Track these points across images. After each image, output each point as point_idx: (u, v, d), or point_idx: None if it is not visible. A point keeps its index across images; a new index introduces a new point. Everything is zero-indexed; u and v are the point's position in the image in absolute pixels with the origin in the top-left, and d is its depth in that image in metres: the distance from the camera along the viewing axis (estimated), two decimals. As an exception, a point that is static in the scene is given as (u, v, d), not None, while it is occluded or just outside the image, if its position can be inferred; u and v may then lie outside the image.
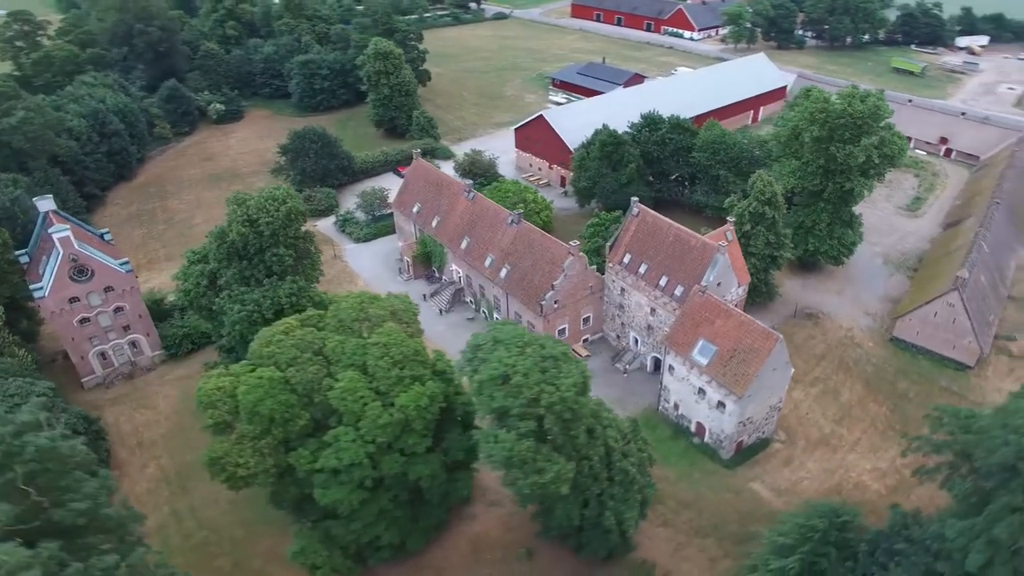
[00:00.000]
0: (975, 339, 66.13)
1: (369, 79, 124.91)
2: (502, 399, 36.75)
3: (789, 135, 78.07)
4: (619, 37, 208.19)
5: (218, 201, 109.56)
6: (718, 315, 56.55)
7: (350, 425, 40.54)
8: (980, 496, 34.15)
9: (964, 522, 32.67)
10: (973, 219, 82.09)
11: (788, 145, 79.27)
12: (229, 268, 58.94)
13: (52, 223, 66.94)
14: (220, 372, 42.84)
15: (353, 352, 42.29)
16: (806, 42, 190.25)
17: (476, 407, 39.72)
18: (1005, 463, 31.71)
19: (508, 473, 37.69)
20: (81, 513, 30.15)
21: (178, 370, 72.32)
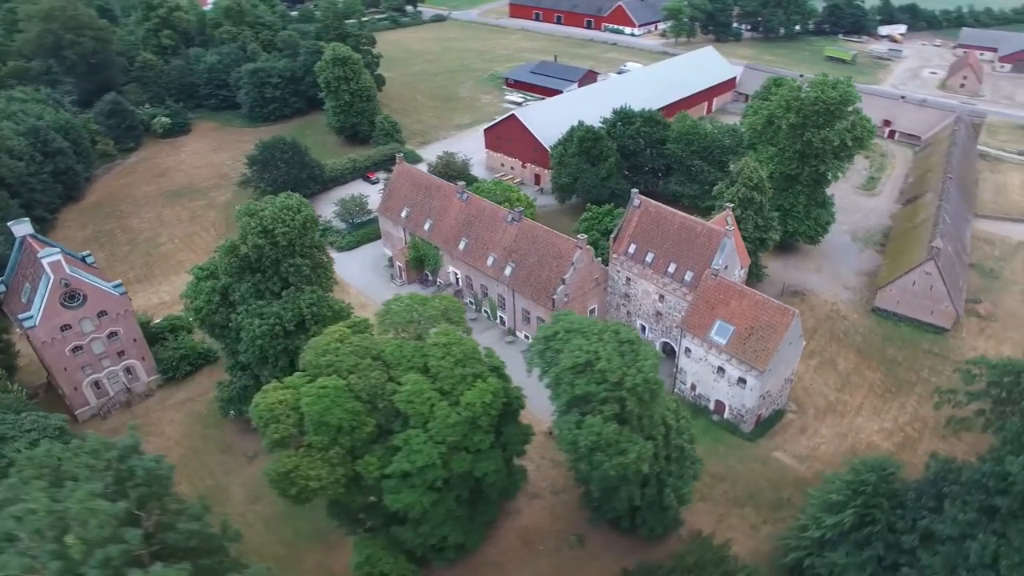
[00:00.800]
0: (951, 304, 72.18)
1: (328, 85, 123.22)
2: (584, 385, 38.15)
3: (764, 123, 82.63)
4: (562, 35, 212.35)
5: (181, 218, 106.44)
6: (732, 296, 59.74)
7: (418, 427, 40.96)
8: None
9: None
10: (930, 194, 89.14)
11: (763, 133, 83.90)
12: (242, 282, 57.64)
13: (32, 248, 63.67)
14: (275, 386, 42.27)
15: (412, 354, 42.70)
16: (742, 34, 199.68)
17: (554, 397, 40.84)
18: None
19: (593, 457, 39.11)
20: (192, 534, 29.54)
21: (178, 394, 70.01)
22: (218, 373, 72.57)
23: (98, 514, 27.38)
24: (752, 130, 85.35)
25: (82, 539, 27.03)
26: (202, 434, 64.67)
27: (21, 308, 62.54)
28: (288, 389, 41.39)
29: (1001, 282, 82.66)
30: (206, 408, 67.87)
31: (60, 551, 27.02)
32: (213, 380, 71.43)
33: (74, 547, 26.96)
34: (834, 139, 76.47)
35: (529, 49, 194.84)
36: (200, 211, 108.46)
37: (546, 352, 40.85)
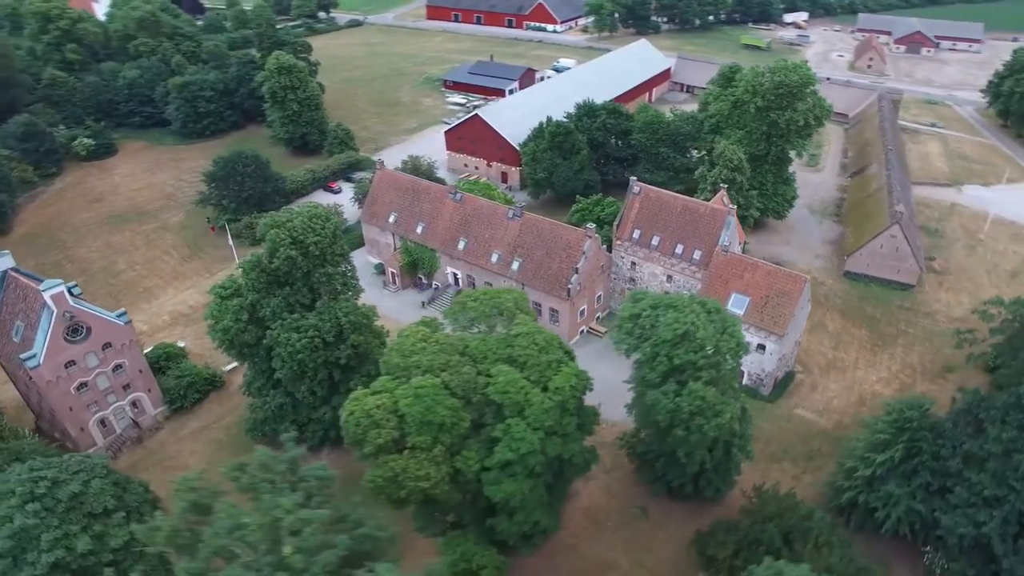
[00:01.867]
0: (915, 262, 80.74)
1: (273, 96, 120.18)
2: (684, 355, 41.03)
3: (731, 108, 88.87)
4: (485, 35, 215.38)
5: (135, 244, 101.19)
6: (745, 269, 64.65)
7: (514, 416, 42.48)
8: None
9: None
10: (875, 165, 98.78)
11: (730, 117, 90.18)
12: (271, 297, 56.66)
13: (18, 283, 59.69)
14: (363, 392, 42.46)
15: (497, 347, 44.13)
16: (661, 27, 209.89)
17: (647, 371, 43.36)
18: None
19: (693, 422, 42.07)
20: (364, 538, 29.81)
21: (190, 423, 67.38)
22: (227, 398, 70.59)
23: (311, 522, 27.41)
24: (719, 115, 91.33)
25: (299, 548, 27.00)
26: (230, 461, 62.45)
27: (15, 348, 58.46)
28: (380, 393, 41.76)
29: (946, 240, 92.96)
30: (225, 434, 65.85)
31: (280, 562, 26.86)
32: (224, 406, 69.65)
33: (293, 557, 26.88)
34: (799, 119, 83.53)
35: (456, 50, 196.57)
36: (155, 235, 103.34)
37: (635, 330, 43.41)
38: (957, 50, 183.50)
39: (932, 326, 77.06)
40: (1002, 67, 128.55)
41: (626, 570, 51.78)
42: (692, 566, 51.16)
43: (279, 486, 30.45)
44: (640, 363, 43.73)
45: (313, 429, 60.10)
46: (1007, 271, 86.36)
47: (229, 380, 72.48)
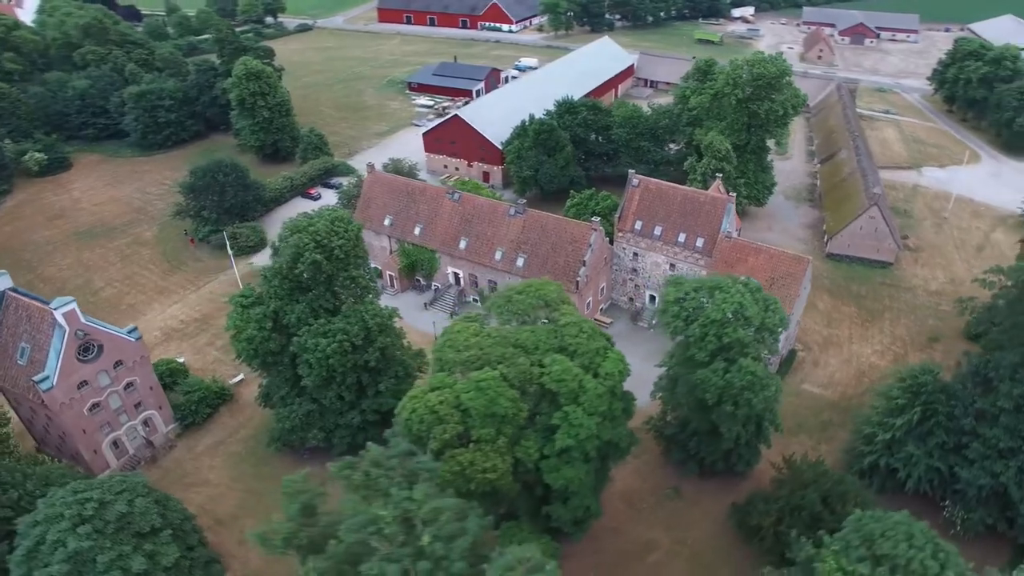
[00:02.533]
0: (893, 241, 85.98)
1: (242, 103, 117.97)
2: (733, 333, 43.28)
3: (711, 100, 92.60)
4: (441, 37, 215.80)
5: (109, 260, 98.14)
6: (749, 253, 67.92)
7: (570, 403, 43.95)
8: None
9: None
10: (844, 151, 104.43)
11: (710, 109, 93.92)
12: (295, 303, 56.47)
13: (19, 303, 57.68)
14: (421, 390, 43.15)
15: (548, 337, 45.52)
16: (615, 24, 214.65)
17: (695, 351, 45.35)
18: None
19: (742, 396, 44.41)
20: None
21: (204, 439, 66.19)
22: (238, 411, 69.70)
23: (443, 511, 28.06)
24: (700, 107, 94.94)
25: (435, 536, 27.62)
26: (253, 474, 62.00)
27: (22, 371, 56.41)
28: (440, 390, 42.53)
29: (914, 219, 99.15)
30: (243, 448, 65.02)
31: (419, 551, 27.39)
32: (236, 419, 68.74)
33: (432, 545, 27.50)
34: (778, 109, 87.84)
35: (413, 53, 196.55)
36: (129, 250, 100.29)
37: (681, 313, 45.45)
38: (897, 40, 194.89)
39: (913, 300, 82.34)
40: (945, 56, 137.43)
41: (668, 548, 53.94)
42: (731, 538, 53.81)
43: (395, 480, 31.00)
44: (686, 344, 45.74)
45: (340, 435, 59.94)
46: (973, 246, 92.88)
47: (238, 393, 71.47)
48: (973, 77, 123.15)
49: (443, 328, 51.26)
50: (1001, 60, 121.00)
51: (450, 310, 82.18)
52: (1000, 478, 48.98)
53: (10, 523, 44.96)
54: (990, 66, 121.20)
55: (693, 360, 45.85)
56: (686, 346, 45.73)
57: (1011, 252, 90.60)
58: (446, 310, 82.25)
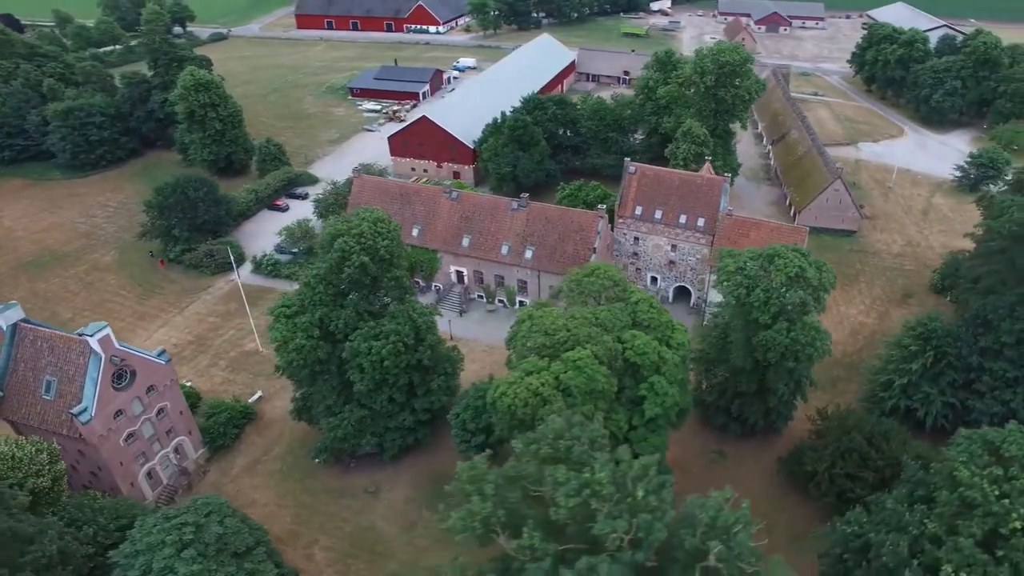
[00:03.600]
0: (856, 211, 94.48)
1: (192, 115, 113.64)
2: (793, 295, 47.58)
3: (679, 89, 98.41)
4: (368, 41, 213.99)
5: (71, 289, 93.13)
6: (750, 228, 73.42)
7: (652, 374, 47.02)
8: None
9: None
10: (795, 132, 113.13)
11: (678, 98, 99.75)
12: (342, 308, 56.61)
13: (34, 335, 54.83)
14: (516, 376, 44.84)
15: (623, 314, 48.34)
16: (541, 22, 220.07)
17: (759, 314, 49.22)
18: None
19: (805, 352, 48.85)
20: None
21: (237, 460, 64.72)
22: (265, 429, 68.53)
23: (651, 465, 30.34)
24: (669, 96, 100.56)
25: (647, 490, 29.94)
26: (300, 488, 61.30)
27: (49, 406, 53.61)
28: (535, 373, 44.41)
29: (863, 190, 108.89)
30: (282, 464, 64.10)
31: (635, 505, 29.36)
32: (266, 437, 67.62)
33: (647, 498, 29.86)
34: (744, 94, 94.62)
35: (344, 58, 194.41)
36: (91, 277, 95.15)
37: (744, 281, 49.34)
38: (807, 28, 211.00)
39: (881, 263, 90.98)
40: (861, 40, 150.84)
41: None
42: (781, 489, 58.64)
43: (584, 446, 32.84)
44: (748, 309, 49.65)
45: (391, 438, 60.45)
46: (919, 210, 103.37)
47: (260, 411, 70.04)
48: (891, 59, 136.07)
49: (514, 323, 52.73)
50: (913, 43, 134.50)
51: (458, 308, 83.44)
52: (1010, 404, 56.11)
53: (94, 559, 43.34)
54: (904, 48, 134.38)
55: (756, 323, 49.98)
56: (748, 311, 49.73)
57: (952, 214, 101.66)
58: (455, 309, 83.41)
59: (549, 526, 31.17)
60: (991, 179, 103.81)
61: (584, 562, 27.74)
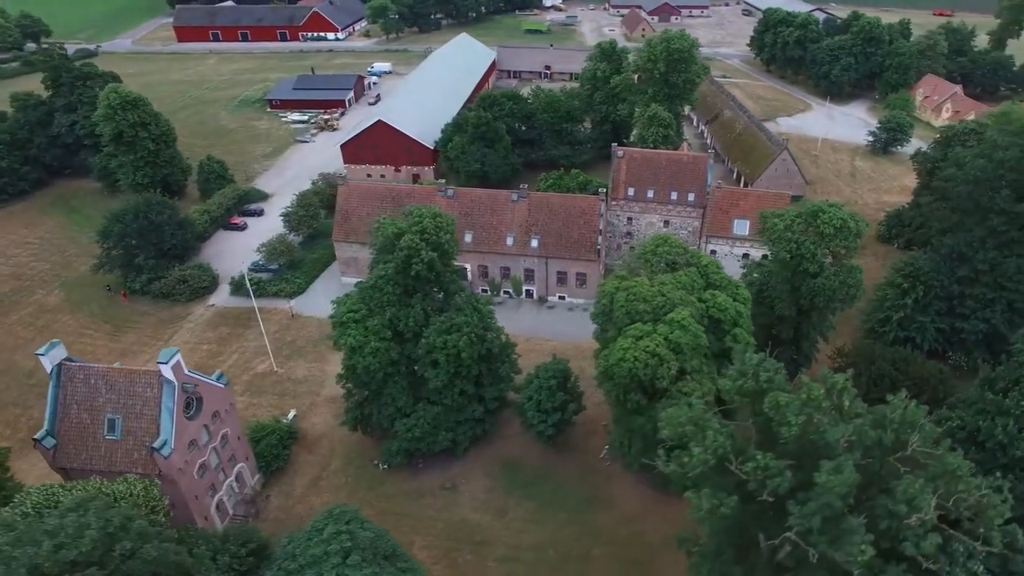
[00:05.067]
0: (801, 177, 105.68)
1: (120, 137, 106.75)
2: (840, 242, 54.74)
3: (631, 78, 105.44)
4: (266, 51, 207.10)
5: (19, 335, 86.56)
6: (739, 198, 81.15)
7: (732, 327, 52.28)
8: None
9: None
10: (728, 111, 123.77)
11: (629, 88, 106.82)
12: (409, 307, 57.56)
13: (85, 374, 51.78)
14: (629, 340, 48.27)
15: (697, 277, 53.24)
16: (441, 23, 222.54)
17: (807, 264, 55.74)
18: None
19: (849, 293, 56.13)
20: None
21: (296, 481, 63.48)
22: (312, 445, 67.62)
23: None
24: (623, 85, 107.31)
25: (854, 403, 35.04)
26: (376, 497, 61.22)
27: (115, 446, 50.77)
28: (645, 338, 48.20)
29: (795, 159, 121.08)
30: (346, 477, 63.70)
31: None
32: (316, 454, 66.81)
33: (853, 404, 34.77)
34: (693, 78, 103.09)
35: (246, 70, 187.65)
36: (43, 322, 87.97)
37: (794, 236, 55.78)
38: (694, 16, 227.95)
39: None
40: (758, 24, 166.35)
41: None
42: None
43: (775, 376, 37.11)
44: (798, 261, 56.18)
45: (463, 431, 61.94)
46: (847, 173, 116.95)
47: (301, 429, 68.73)
48: (789, 40, 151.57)
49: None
50: (808, 25, 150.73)
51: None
52: (991, 321, 66.78)
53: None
54: (800, 30, 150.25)
55: (806, 272, 56.71)
56: (797, 263, 56.29)
57: (874, 174, 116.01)
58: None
59: (771, 448, 35.34)
60: (899, 141, 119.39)
61: (827, 465, 32.15)
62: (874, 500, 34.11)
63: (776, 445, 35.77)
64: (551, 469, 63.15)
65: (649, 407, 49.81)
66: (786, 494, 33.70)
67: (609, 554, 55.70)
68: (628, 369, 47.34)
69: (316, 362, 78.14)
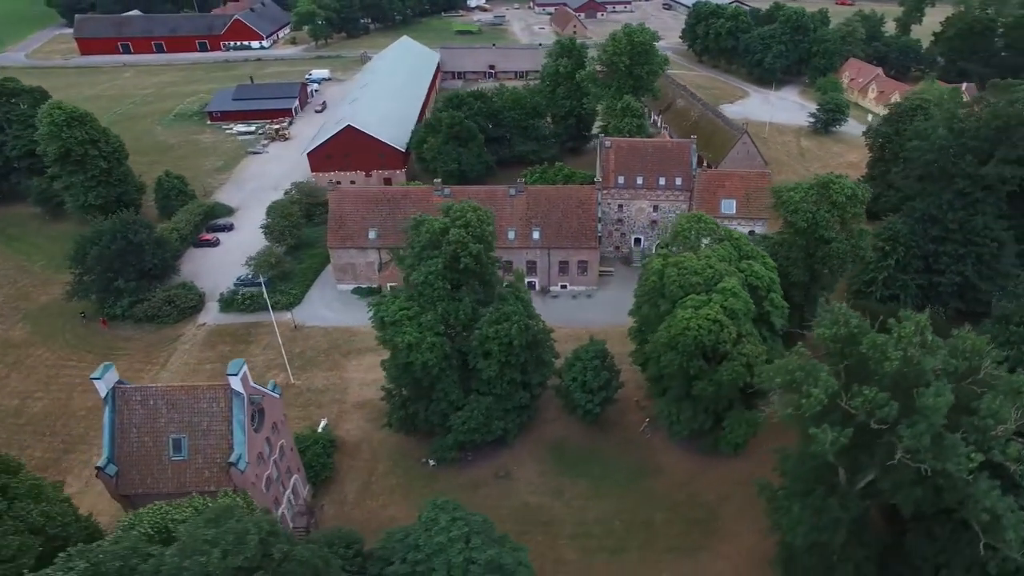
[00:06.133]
0: (761, 159, 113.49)
1: (67, 156, 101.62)
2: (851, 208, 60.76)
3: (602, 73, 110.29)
4: (187, 62, 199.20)
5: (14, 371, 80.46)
6: (724, 179, 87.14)
7: (768, 292, 57.14)
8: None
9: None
10: (681, 100, 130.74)
11: (595, 82, 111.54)
12: (458, 301, 59.15)
13: (143, 395, 50.72)
14: (688, 308, 52.07)
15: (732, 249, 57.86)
16: (369, 27, 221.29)
17: (824, 231, 61.35)
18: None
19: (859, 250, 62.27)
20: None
21: (345, 488, 63.66)
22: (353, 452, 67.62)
23: None
24: (590, 78, 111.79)
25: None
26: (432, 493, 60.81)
27: (184, 466, 49.88)
28: (704, 306, 52.15)
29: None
30: (397, 479, 64.40)
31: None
32: (359, 459, 67.12)
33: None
34: (656, 69, 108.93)
35: (171, 83, 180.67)
36: (12, 357, 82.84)
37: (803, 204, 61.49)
38: (618, 12, 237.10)
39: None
40: (689, 17, 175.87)
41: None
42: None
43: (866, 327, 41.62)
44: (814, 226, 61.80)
45: (512, 420, 63.94)
46: (795, 153, 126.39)
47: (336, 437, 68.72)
48: (722, 31, 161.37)
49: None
50: (738, 16, 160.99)
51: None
52: (964, 274, 75.20)
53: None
54: (731, 21, 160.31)
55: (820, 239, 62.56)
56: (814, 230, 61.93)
57: (820, 152, 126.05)
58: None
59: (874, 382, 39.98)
60: (837, 121, 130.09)
61: (933, 388, 37.04)
62: (959, 420, 39.32)
63: (869, 382, 40.32)
64: (596, 447, 66.23)
65: (712, 371, 53.79)
66: (892, 421, 38.32)
67: (670, 518, 59.40)
68: (693, 337, 51.14)
69: (333, 370, 77.88)
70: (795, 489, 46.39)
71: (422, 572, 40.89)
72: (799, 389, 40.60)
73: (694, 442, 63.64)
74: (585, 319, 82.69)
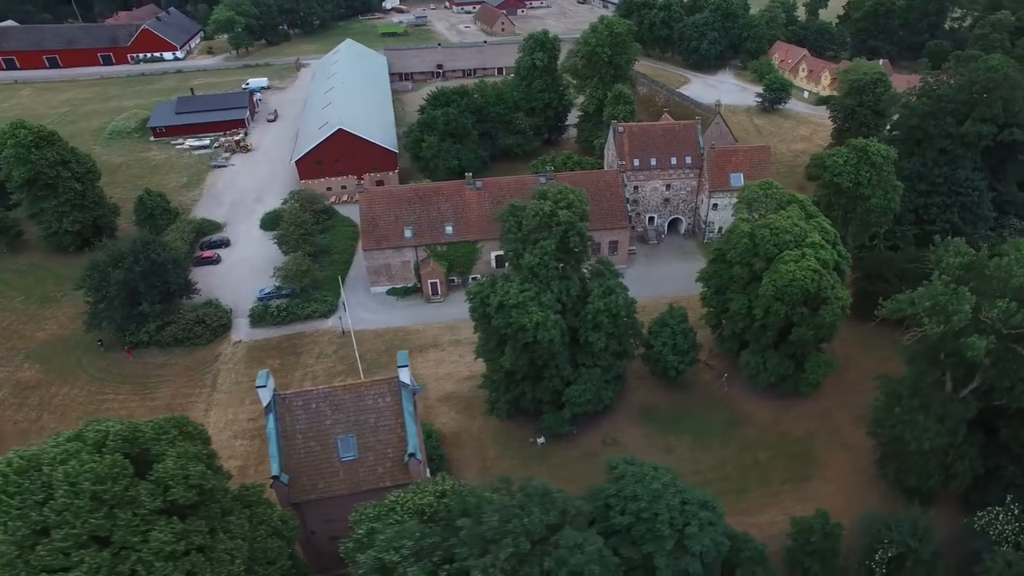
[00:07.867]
0: (732, 137, 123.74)
1: (35, 180, 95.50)
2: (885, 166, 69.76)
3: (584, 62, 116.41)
4: (94, 77, 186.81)
5: (19, 417, 75.59)
6: (732, 154, 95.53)
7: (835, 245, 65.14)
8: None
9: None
10: (643, 87, 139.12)
11: (577, 74, 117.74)
12: (567, 279, 62.90)
13: (294, 401, 51.27)
14: (788, 264, 58.72)
15: (800, 209, 65.32)
16: (291, 34, 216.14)
17: (866, 189, 69.93)
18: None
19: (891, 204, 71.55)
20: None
21: (465, 475, 65.16)
22: (457, 441, 69.74)
23: None
24: (573, 69, 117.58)
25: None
26: (548, 469, 65.31)
27: (356, 465, 50.80)
28: (800, 261, 59.06)
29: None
30: (511, 462, 66.80)
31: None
32: (464, 448, 69.35)
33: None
34: (633, 58, 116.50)
35: (86, 100, 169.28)
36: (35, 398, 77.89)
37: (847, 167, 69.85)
38: (536, 8, 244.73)
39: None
40: (620, 8, 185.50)
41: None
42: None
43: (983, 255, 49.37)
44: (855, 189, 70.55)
45: (612, 387, 68.24)
46: (753, 130, 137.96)
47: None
48: (656, 21, 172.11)
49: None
50: (670, 6, 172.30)
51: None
52: (952, 221, 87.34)
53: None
54: (664, 11, 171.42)
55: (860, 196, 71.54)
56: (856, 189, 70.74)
57: (773, 128, 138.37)
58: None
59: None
60: (782, 100, 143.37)
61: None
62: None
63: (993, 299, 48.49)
64: (684, 405, 71.95)
65: (812, 315, 60.97)
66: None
67: (772, 456, 66.19)
68: (800, 285, 58.02)
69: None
70: (911, 404, 53.96)
71: (647, 519, 44.59)
72: (945, 309, 47.93)
73: (770, 390, 70.76)
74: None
